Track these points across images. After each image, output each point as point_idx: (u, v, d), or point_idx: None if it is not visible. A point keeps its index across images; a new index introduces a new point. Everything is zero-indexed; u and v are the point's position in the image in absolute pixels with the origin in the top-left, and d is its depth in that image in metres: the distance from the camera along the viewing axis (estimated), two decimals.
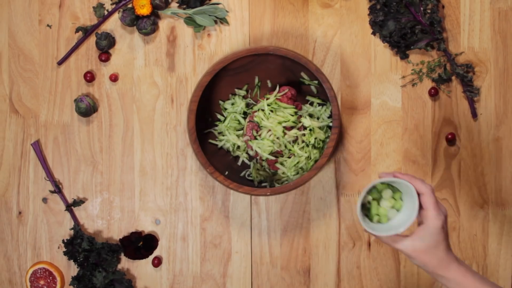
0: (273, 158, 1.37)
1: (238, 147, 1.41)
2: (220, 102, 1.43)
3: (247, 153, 1.41)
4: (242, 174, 1.42)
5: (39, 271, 1.44)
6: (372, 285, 1.47)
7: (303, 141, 1.37)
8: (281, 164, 1.39)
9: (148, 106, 1.46)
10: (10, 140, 1.46)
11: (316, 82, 1.41)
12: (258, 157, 1.40)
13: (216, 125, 1.43)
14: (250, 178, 1.42)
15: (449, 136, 1.45)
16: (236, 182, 1.39)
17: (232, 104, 1.42)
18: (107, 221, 1.47)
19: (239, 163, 1.42)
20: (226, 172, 1.42)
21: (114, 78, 1.45)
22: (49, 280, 1.44)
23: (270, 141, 1.36)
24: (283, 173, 1.39)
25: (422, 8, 1.42)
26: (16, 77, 1.46)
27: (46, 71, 1.46)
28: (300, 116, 1.39)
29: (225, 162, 1.42)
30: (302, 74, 1.41)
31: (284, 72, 1.41)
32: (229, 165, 1.42)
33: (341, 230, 1.47)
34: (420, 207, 1.13)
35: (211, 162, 1.39)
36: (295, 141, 1.38)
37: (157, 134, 1.46)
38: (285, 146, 1.37)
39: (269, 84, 1.43)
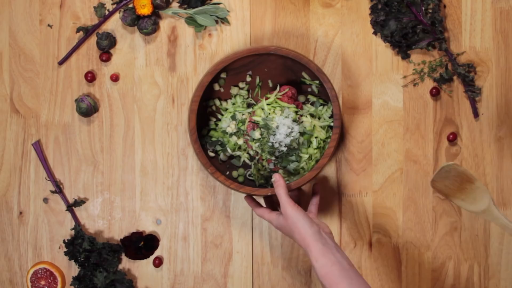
0: (274, 158, 1.37)
1: (239, 147, 1.41)
2: (221, 102, 1.43)
3: (248, 153, 1.41)
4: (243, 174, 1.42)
5: (40, 271, 1.44)
6: (373, 285, 1.47)
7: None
8: None
9: (149, 106, 1.46)
10: (11, 140, 1.46)
11: (317, 82, 1.41)
12: (258, 157, 1.39)
13: (217, 125, 1.42)
14: (251, 178, 1.42)
15: (451, 136, 1.45)
16: (237, 182, 1.39)
17: (233, 104, 1.42)
18: (108, 221, 1.47)
19: (240, 163, 1.42)
20: (227, 172, 1.42)
21: (115, 78, 1.45)
22: (50, 280, 1.44)
23: (270, 142, 1.36)
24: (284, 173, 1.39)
25: (423, 8, 1.42)
26: (17, 77, 1.46)
27: (47, 71, 1.46)
28: (301, 115, 1.39)
29: (226, 162, 1.42)
30: (303, 74, 1.40)
31: (285, 72, 1.41)
32: (230, 165, 1.42)
33: (342, 230, 1.46)
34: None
35: (212, 162, 1.39)
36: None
37: (158, 134, 1.46)
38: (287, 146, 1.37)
39: (270, 84, 1.43)
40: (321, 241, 1.21)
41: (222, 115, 1.43)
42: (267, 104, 1.38)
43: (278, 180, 1.29)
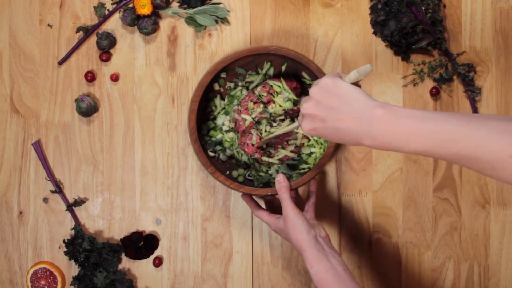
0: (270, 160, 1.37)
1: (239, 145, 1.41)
2: (221, 101, 1.43)
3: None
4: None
5: (40, 271, 1.44)
6: (373, 285, 1.47)
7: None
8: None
9: (149, 106, 1.46)
10: (11, 140, 1.46)
11: None
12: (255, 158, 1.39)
13: (215, 124, 1.42)
14: (251, 178, 1.42)
15: None
16: (237, 182, 1.39)
17: (231, 102, 1.42)
18: (108, 221, 1.47)
19: (240, 163, 1.42)
20: (227, 172, 1.42)
21: (115, 78, 1.45)
22: (50, 280, 1.44)
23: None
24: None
25: (423, 8, 1.42)
26: (16, 77, 1.46)
27: (47, 70, 1.46)
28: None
29: (226, 162, 1.42)
30: (303, 74, 1.40)
31: (285, 72, 1.41)
32: (230, 165, 1.42)
33: (342, 230, 1.46)
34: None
35: (212, 162, 1.39)
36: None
37: (158, 133, 1.46)
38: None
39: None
40: (317, 247, 1.22)
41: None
42: (272, 81, 1.37)
43: (282, 181, 1.29)
